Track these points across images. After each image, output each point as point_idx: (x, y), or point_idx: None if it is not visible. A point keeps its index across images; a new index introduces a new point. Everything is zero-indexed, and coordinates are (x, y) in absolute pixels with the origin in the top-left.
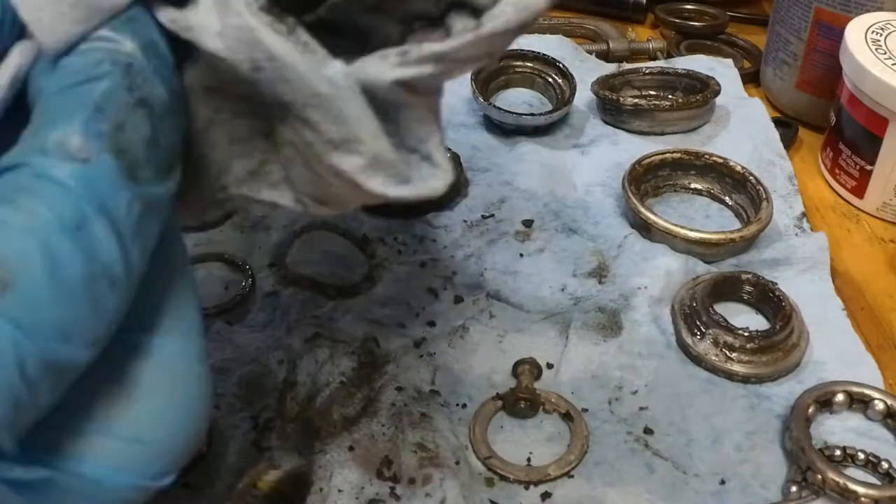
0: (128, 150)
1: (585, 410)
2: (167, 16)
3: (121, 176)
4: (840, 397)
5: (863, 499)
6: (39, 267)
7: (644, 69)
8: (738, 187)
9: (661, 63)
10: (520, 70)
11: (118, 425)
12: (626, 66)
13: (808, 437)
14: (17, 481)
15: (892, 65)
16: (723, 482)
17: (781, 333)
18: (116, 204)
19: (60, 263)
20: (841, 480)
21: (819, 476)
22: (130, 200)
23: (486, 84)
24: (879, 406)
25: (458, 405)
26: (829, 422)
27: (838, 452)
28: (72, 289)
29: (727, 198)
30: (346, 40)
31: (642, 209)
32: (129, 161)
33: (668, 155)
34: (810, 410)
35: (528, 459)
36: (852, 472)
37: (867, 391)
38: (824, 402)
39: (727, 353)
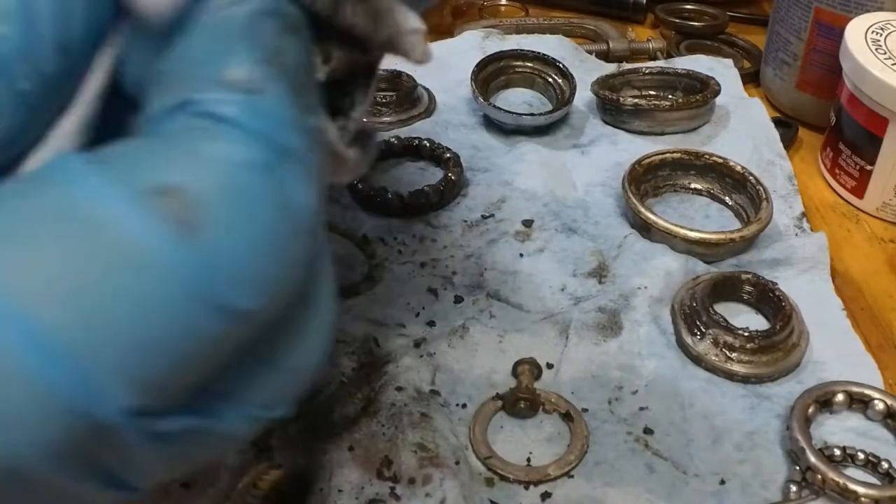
0: (291, 78)
1: (585, 410)
2: None
3: (293, 107)
4: (840, 397)
5: (863, 499)
6: (231, 207)
7: (644, 69)
8: (738, 187)
9: (661, 63)
10: (520, 70)
11: (280, 362)
12: (626, 66)
13: (808, 437)
14: (167, 433)
15: (892, 65)
16: (723, 482)
17: (781, 333)
18: (298, 141)
19: (253, 205)
20: (841, 480)
21: (819, 476)
22: (308, 136)
23: (486, 84)
24: (879, 406)
25: (458, 405)
26: (829, 422)
27: (838, 452)
28: (266, 235)
29: (727, 198)
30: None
31: (642, 209)
32: (295, 90)
33: (668, 155)
34: (810, 410)
35: (528, 459)
36: (852, 472)
37: (867, 391)
38: (824, 402)
39: (727, 353)
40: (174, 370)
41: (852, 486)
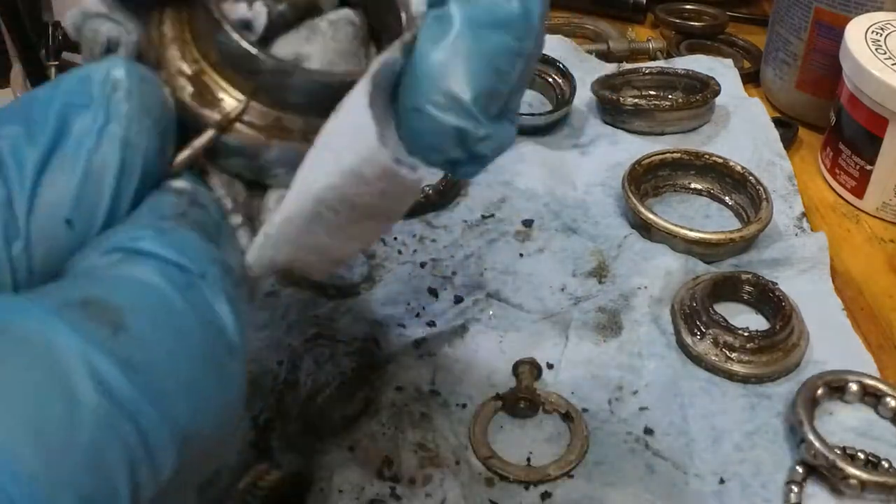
0: (198, 226)
1: (585, 410)
2: None
3: (203, 240)
4: (854, 387)
5: (851, 480)
6: (152, 313)
7: (644, 69)
8: (738, 187)
9: (661, 63)
10: None
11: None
12: (626, 66)
13: (811, 416)
14: None
15: (892, 65)
16: (722, 482)
17: (781, 333)
18: (212, 267)
19: (173, 314)
20: (830, 456)
21: (812, 452)
22: (221, 266)
23: None
24: (892, 404)
25: (458, 405)
26: (830, 422)
27: (838, 452)
28: (193, 342)
29: (727, 198)
30: None
31: (642, 209)
32: (204, 234)
33: (668, 155)
34: (819, 392)
35: (528, 459)
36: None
37: (882, 386)
38: (836, 388)
39: (727, 353)
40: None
41: (840, 464)
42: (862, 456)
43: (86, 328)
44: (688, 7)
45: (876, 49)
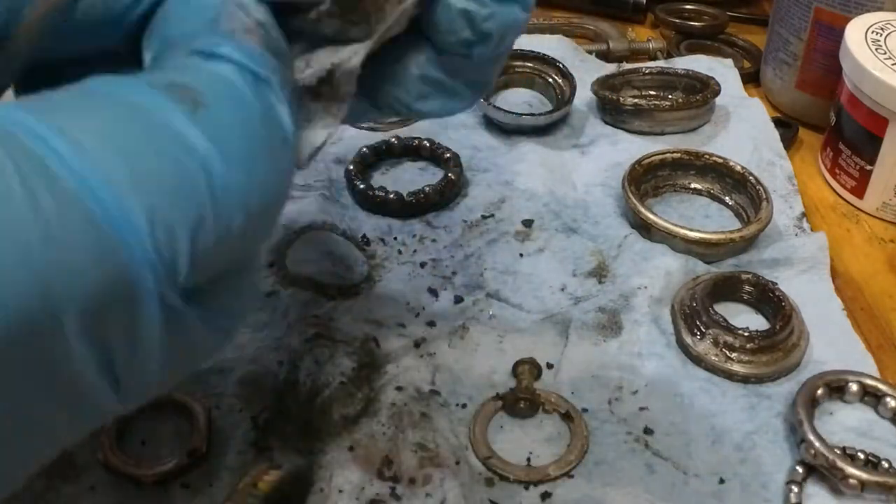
0: (263, 34)
1: (585, 410)
2: None
3: (266, 50)
4: (854, 387)
5: (850, 480)
6: (226, 100)
7: (644, 69)
8: (738, 187)
9: (661, 63)
10: (520, 70)
11: (247, 279)
12: (626, 66)
13: (811, 416)
14: (182, 316)
15: (892, 65)
16: (722, 482)
17: (781, 333)
18: (275, 74)
19: (243, 104)
20: (830, 456)
21: (812, 451)
22: (283, 76)
23: None
24: (892, 404)
25: (458, 405)
26: (830, 422)
27: (838, 452)
28: (255, 128)
29: (727, 198)
30: None
31: (642, 209)
32: (266, 43)
33: (668, 155)
34: (819, 392)
35: (528, 459)
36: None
37: (881, 386)
38: (836, 389)
39: (727, 353)
40: (210, 239)
41: (840, 464)
42: (862, 456)
43: (174, 100)
44: (688, 7)
45: (876, 49)
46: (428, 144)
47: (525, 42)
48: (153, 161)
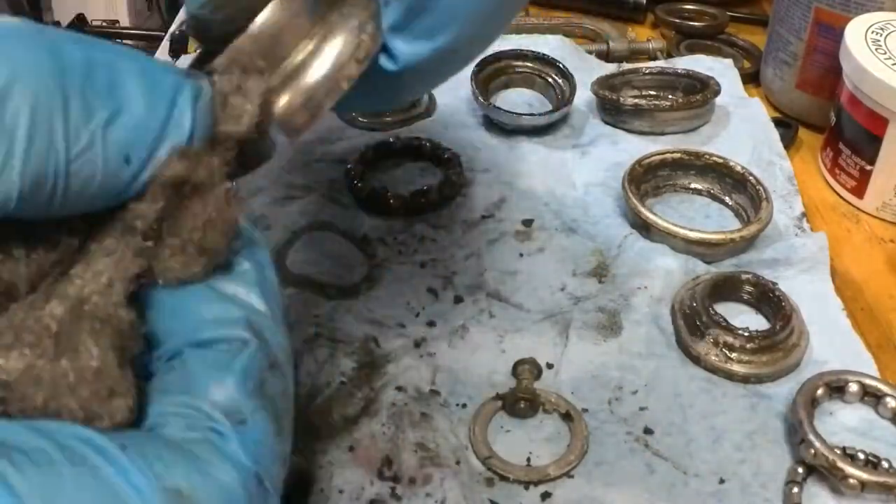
0: (273, 408)
1: (585, 410)
2: None
3: (273, 434)
4: (854, 387)
5: (850, 479)
6: None
7: (644, 69)
8: (738, 187)
9: (661, 63)
10: (520, 70)
11: None
12: (626, 66)
13: (811, 416)
14: None
15: (892, 65)
16: (722, 482)
17: (781, 333)
18: (274, 467)
19: None
20: (831, 456)
21: (812, 451)
22: (282, 461)
23: (487, 84)
24: (892, 404)
25: (458, 405)
26: (830, 422)
27: (838, 452)
28: None
29: (727, 198)
30: None
31: (642, 209)
32: (275, 416)
33: (668, 155)
34: (819, 392)
35: (528, 459)
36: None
37: (881, 386)
38: (836, 389)
39: (727, 353)
40: None
41: (840, 464)
42: (862, 456)
43: None
44: (688, 7)
45: (876, 49)
46: (428, 144)
47: (525, 42)
48: None
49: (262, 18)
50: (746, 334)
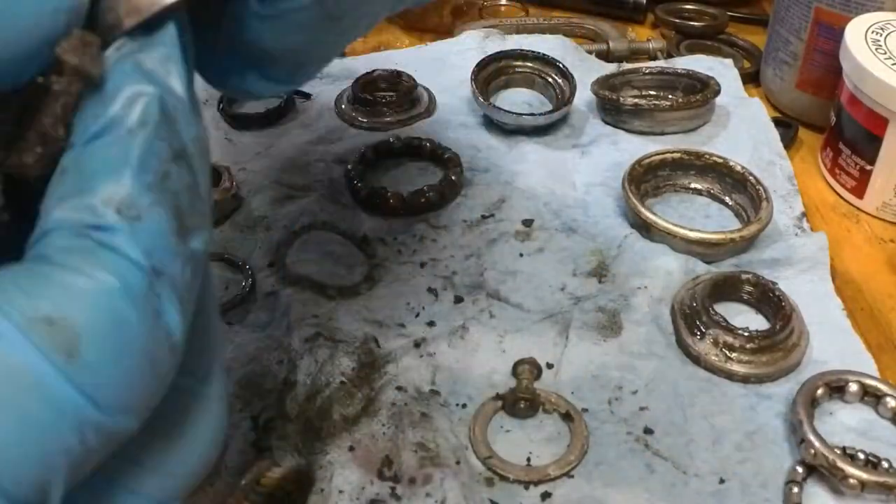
0: (175, 203)
1: (585, 410)
2: None
3: (173, 231)
4: (854, 387)
5: (850, 479)
6: (106, 334)
7: (644, 69)
8: (738, 187)
9: (661, 63)
10: (520, 70)
11: (157, 464)
12: (626, 66)
13: (811, 416)
14: None
15: (892, 65)
16: (722, 482)
17: (781, 333)
18: (173, 265)
19: (127, 331)
20: (831, 456)
21: (812, 451)
22: (184, 259)
23: (487, 84)
24: (892, 404)
25: (458, 405)
26: (830, 422)
27: (838, 452)
28: (136, 357)
29: (727, 198)
30: None
31: (642, 209)
32: (177, 213)
33: (668, 155)
34: (819, 392)
35: (528, 459)
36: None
37: (881, 386)
38: (836, 389)
39: (727, 353)
40: (37, 480)
41: (840, 464)
42: (862, 456)
43: (46, 351)
44: (688, 7)
45: (876, 49)
46: (428, 144)
47: (525, 42)
48: (9, 429)
49: None
50: (746, 334)
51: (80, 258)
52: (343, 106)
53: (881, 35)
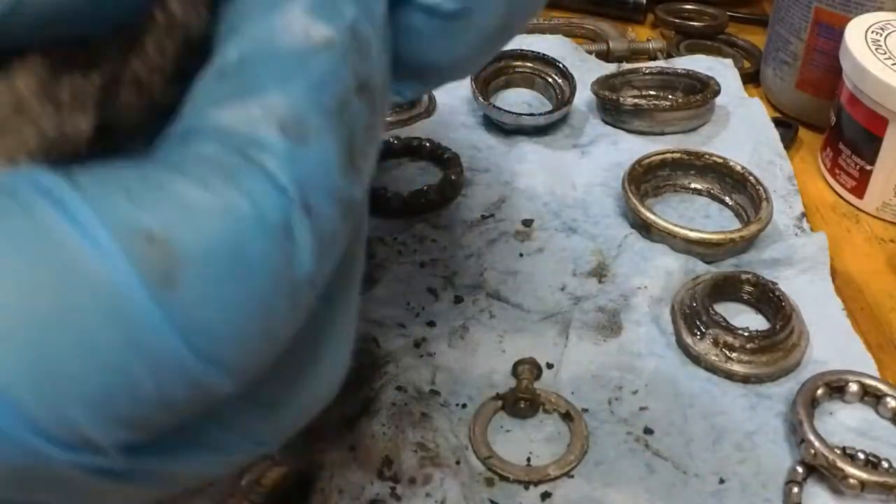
0: (350, 137)
1: (585, 410)
2: None
3: (338, 169)
4: (854, 387)
5: (850, 479)
6: (216, 269)
7: (644, 69)
8: (738, 187)
9: (661, 63)
10: (520, 70)
11: (275, 407)
12: (626, 66)
13: (811, 416)
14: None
15: (892, 65)
16: (722, 482)
17: (781, 333)
18: (329, 207)
19: (244, 272)
20: (831, 456)
21: (812, 451)
22: (342, 205)
23: (486, 84)
24: (892, 404)
25: (458, 405)
26: (830, 422)
27: (838, 452)
28: (248, 308)
29: (727, 198)
30: None
31: (642, 209)
32: (350, 150)
33: (668, 155)
34: (819, 392)
35: (528, 459)
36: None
37: (881, 386)
38: (836, 389)
39: (727, 353)
40: (128, 420)
41: (840, 464)
42: (862, 456)
43: (143, 279)
44: (688, 7)
45: (876, 49)
46: (428, 144)
47: (525, 42)
48: (80, 364)
49: None
50: (746, 334)
51: (212, 171)
52: None
53: (881, 35)
